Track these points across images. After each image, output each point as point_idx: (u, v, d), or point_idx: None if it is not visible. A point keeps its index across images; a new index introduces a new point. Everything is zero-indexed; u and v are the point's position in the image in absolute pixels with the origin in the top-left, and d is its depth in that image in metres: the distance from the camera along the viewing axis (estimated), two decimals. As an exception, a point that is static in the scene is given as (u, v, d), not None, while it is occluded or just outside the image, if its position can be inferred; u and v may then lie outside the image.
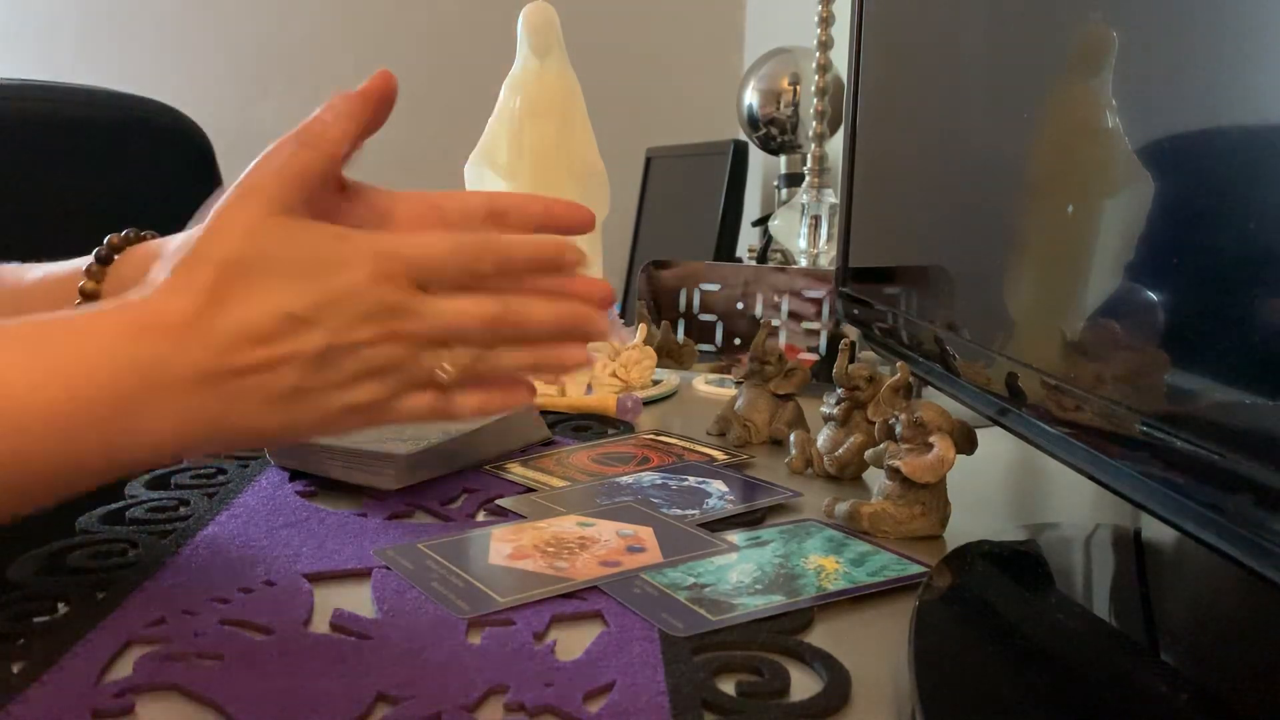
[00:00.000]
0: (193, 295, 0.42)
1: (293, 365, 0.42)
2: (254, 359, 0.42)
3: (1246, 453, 0.33)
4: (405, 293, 0.44)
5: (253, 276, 0.42)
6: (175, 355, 0.41)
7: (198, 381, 0.41)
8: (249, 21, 2.20)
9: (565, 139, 0.90)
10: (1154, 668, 0.43)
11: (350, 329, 0.43)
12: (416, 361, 0.45)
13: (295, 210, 0.44)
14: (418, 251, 0.45)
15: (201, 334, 0.41)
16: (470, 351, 0.46)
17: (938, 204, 0.66)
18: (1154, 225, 0.40)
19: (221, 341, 0.41)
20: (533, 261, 0.47)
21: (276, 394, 0.42)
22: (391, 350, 0.44)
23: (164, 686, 0.38)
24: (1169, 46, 0.40)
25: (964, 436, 0.57)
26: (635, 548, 0.52)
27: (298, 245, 0.43)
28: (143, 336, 0.41)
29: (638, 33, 2.29)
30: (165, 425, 0.41)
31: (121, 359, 0.40)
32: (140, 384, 0.40)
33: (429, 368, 0.45)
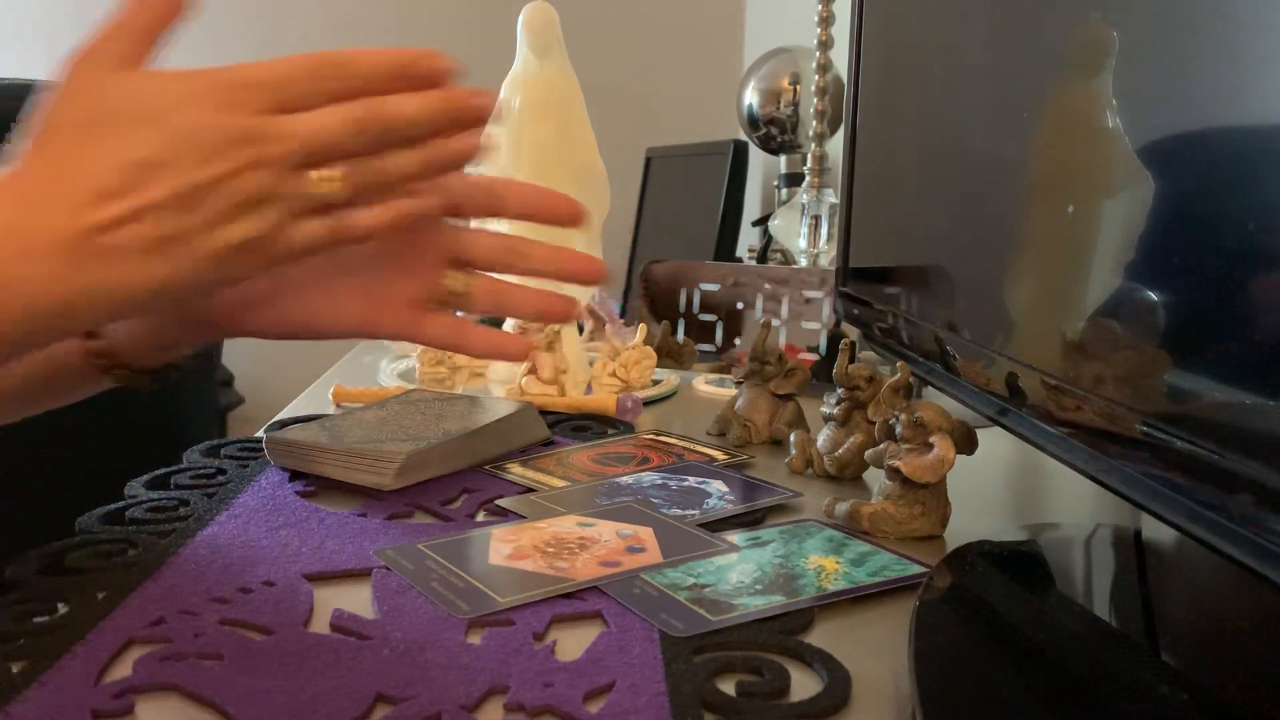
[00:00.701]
0: (44, 162, 0.42)
1: (155, 213, 0.42)
2: (112, 213, 0.41)
3: (1246, 453, 0.33)
4: (257, 118, 0.43)
5: (98, 133, 0.42)
6: (34, 220, 0.41)
7: (61, 243, 0.41)
8: (249, 21, 2.20)
9: (565, 139, 0.90)
10: (1154, 668, 0.43)
11: (205, 164, 0.42)
12: (291, 186, 0.44)
13: (136, 64, 0.44)
14: (260, 73, 0.44)
15: (55, 197, 0.41)
16: (350, 165, 0.45)
17: (938, 204, 0.66)
18: (1154, 225, 0.40)
19: (76, 201, 0.41)
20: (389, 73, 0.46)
21: (145, 244, 0.42)
22: (258, 178, 0.43)
23: (164, 686, 0.38)
24: (1169, 46, 0.40)
25: (964, 436, 0.57)
26: (635, 548, 0.52)
27: (139, 92, 0.43)
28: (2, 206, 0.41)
29: (638, 33, 2.29)
30: (37, 292, 0.41)
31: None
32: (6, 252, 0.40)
33: (307, 189, 0.44)
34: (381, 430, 0.67)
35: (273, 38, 2.22)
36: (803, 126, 1.49)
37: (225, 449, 0.70)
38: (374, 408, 0.74)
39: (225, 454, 0.69)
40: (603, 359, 0.94)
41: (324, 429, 0.67)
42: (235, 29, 2.19)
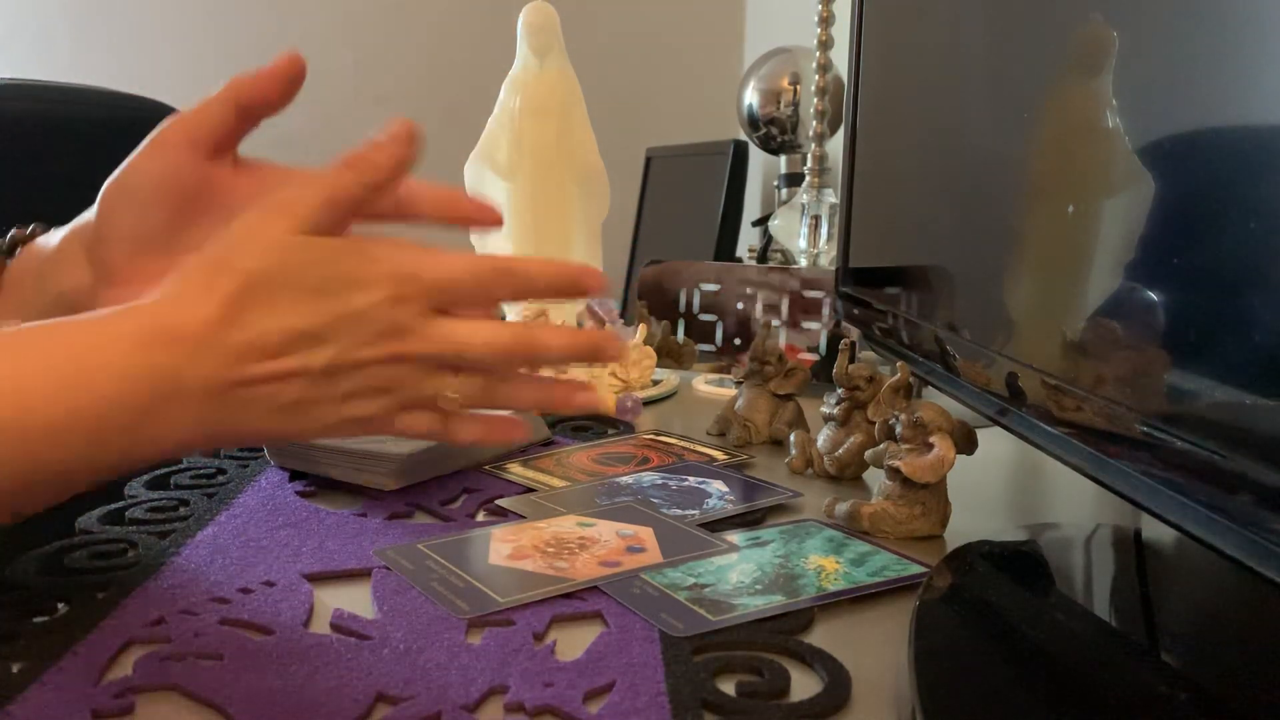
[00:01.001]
0: (211, 305, 0.42)
1: (300, 379, 0.43)
2: (263, 372, 0.43)
3: (1246, 453, 0.33)
4: (420, 315, 0.45)
5: (271, 291, 0.43)
6: (189, 366, 0.42)
7: (208, 392, 0.42)
8: (249, 21, 2.20)
9: (565, 139, 0.90)
10: (1154, 668, 0.43)
11: (360, 347, 0.44)
12: (419, 382, 0.46)
13: (325, 229, 0.45)
14: (436, 274, 0.45)
15: (216, 346, 0.42)
16: (480, 381, 0.47)
17: (938, 204, 0.66)
18: (1154, 225, 0.40)
19: (234, 354, 0.42)
20: (552, 286, 0.48)
21: (281, 405, 0.44)
22: (398, 370, 0.45)
23: (164, 686, 0.38)
24: (1169, 46, 0.40)
25: (964, 436, 0.57)
26: (635, 548, 0.52)
27: (319, 263, 0.44)
28: (156, 345, 0.42)
29: (638, 33, 2.29)
30: (174, 431, 0.42)
31: (138, 368, 0.41)
32: (153, 393, 0.41)
33: (436, 389, 0.46)
34: (381, 430, 0.67)
35: (274, 37, 2.22)
36: (803, 126, 1.49)
37: (225, 449, 0.70)
38: (374, 408, 0.73)
39: (225, 454, 0.69)
40: (603, 359, 0.94)
41: (324, 429, 0.67)
42: (236, 29, 2.20)
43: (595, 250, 0.95)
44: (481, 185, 0.92)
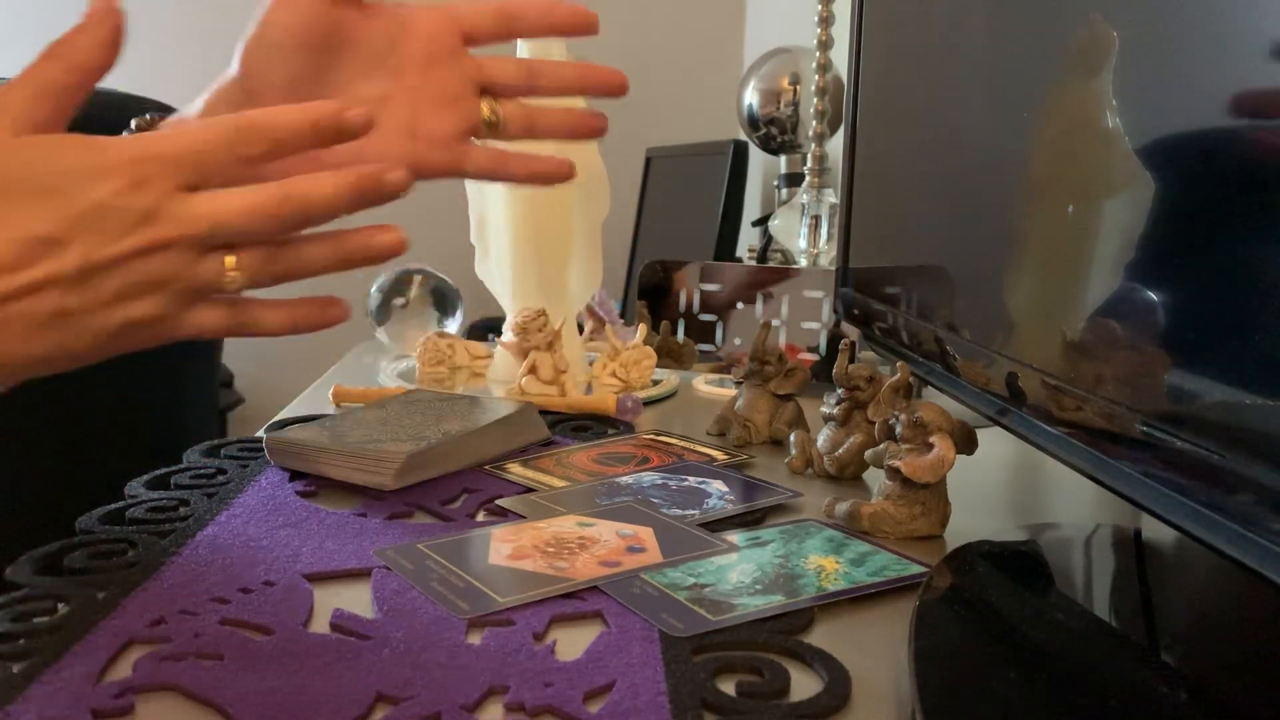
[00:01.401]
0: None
1: (50, 289, 0.41)
2: (8, 287, 0.40)
3: (1246, 453, 0.33)
4: (166, 196, 0.42)
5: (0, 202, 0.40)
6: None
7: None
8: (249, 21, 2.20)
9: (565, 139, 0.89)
10: (1154, 668, 0.43)
11: (109, 243, 0.41)
12: (193, 271, 0.43)
13: (44, 126, 0.42)
14: (174, 147, 0.42)
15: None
16: (258, 253, 0.44)
17: (938, 204, 0.66)
18: (1154, 225, 0.40)
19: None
20: (310, 132, 0.44)
21: (39, 320, 0.41)
22: (161, 260, 0.42)
23: (164, 686, 0.38)
24: (1169, 46, 0.40)
25: (964, 436, 0.57)
26: (635, 548, 0.52)
27: (44, 162, 0.41)
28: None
29: (638, 33, 2.29)
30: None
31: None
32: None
33: (213, 274, 0.43)
34: (381, 430, 0.67)
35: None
36: (803, 126, 1.49)
37: (225, 449, 0.70)
38: (374, 408, 0.74)
39: (225, 454, 0.69)
40: (603, 359, 0.94)
41: (324, 429, 0.67)
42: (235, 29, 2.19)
43: (595, 250, 0.95)
44: (481, 185, 0.92)
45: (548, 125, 0.58)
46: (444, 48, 0.56)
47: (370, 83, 0.55)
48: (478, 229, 0.96)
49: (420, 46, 0.55)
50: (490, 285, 0.96)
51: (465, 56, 0.56)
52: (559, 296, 0.93)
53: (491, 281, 0.96)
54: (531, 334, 0.86)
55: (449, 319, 1.10)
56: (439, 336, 0.99)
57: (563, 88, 0.58)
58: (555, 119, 0.58)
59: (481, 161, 0.56)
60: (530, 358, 0.86)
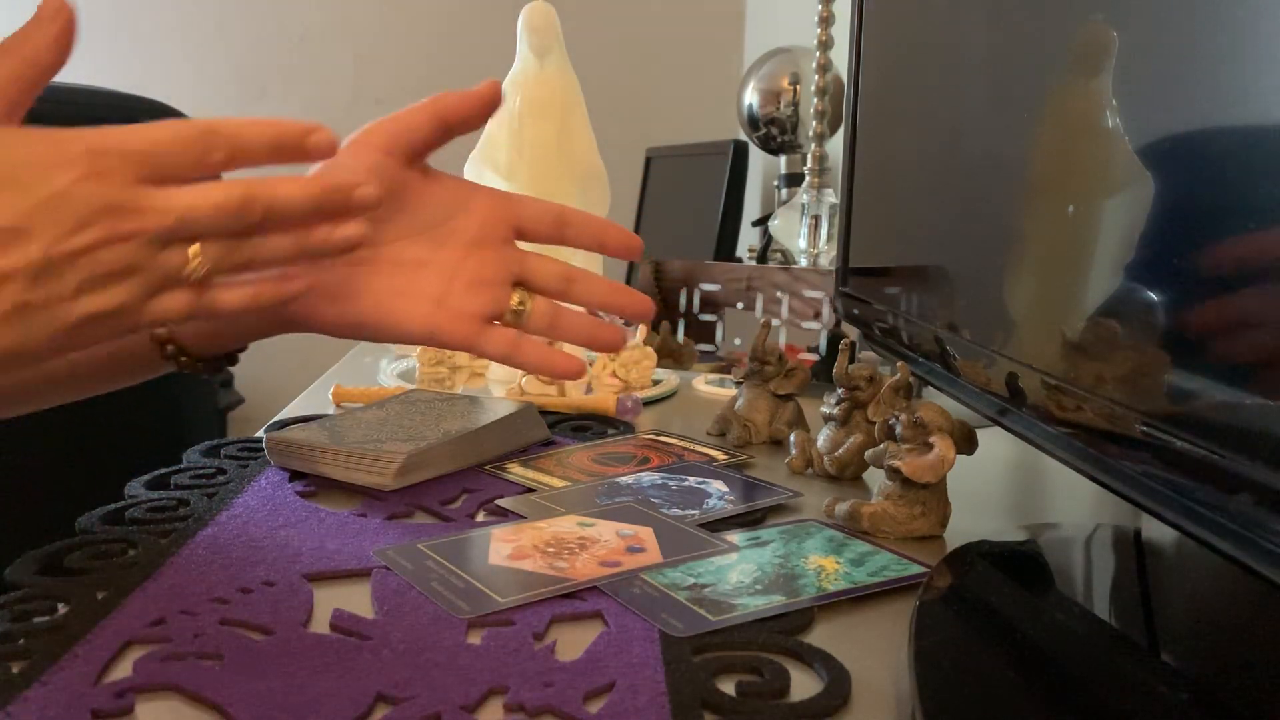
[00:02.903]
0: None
1: (13, 282, 0.40)
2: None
3: (1246, 453, 0.33)
4: (126, 189, 0.41)
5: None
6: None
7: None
8: (249, 21, 2.20)
9: (565, 139, 0.90)
10: (1154, 668, 0.43)
11: (70, 235, 0.40)
12: (154, 261, 0.43)
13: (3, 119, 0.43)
14: (135, 143, 0.42)
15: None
16: (220, 244, 0.44)
17: (938, 204, 0.66)
18: (1154, 225, 0.40)
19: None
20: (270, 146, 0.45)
21: (2, 313, 0.40)
22: (122, 251, 0.42)
23: (164, 686, 0.38)
24: (1169, 46, 0.40)
25: (964, 436, 0.57)
26: (635, 548, 0.52)
27: (3, 154, 0.41)
28: None
29: (638, 33, 2.29)
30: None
31: None
32: None
33: (175, 265, 0.43)
34: (381, 430, 0.67)
35: (275, 37, 2.22)
36: (803, 126, 1.49)
37: (225, 449, 0.70)
38: (374, 408, 0.74)
39: (225, 454, 0.69)
40: (603, 359, 0.94)
41: (324, 429, 0.67)
42: (236, 29, 2.19)
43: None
44: (481, 185, 0.92)
45: (569, 328, 0.60)
46: (496, 234, 0.58)
47: (413, 245, 0.57)
48: (478, 229, 0.96)
49: (474, 225, 0.58)
50: (490, 285, 0.96)
51: (512, 247, 0.59)
52: (559, 296, 0.93)
53: (491, 281, 0.96)
54: (532, 334, 0.86)
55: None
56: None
57: (592, 301, 0.60)
58: (578, 325, 0.60)
59: (499, 344, 0.57)
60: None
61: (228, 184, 0.44)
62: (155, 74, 2.09)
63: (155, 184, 0.42)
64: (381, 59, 2.25)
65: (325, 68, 2.23)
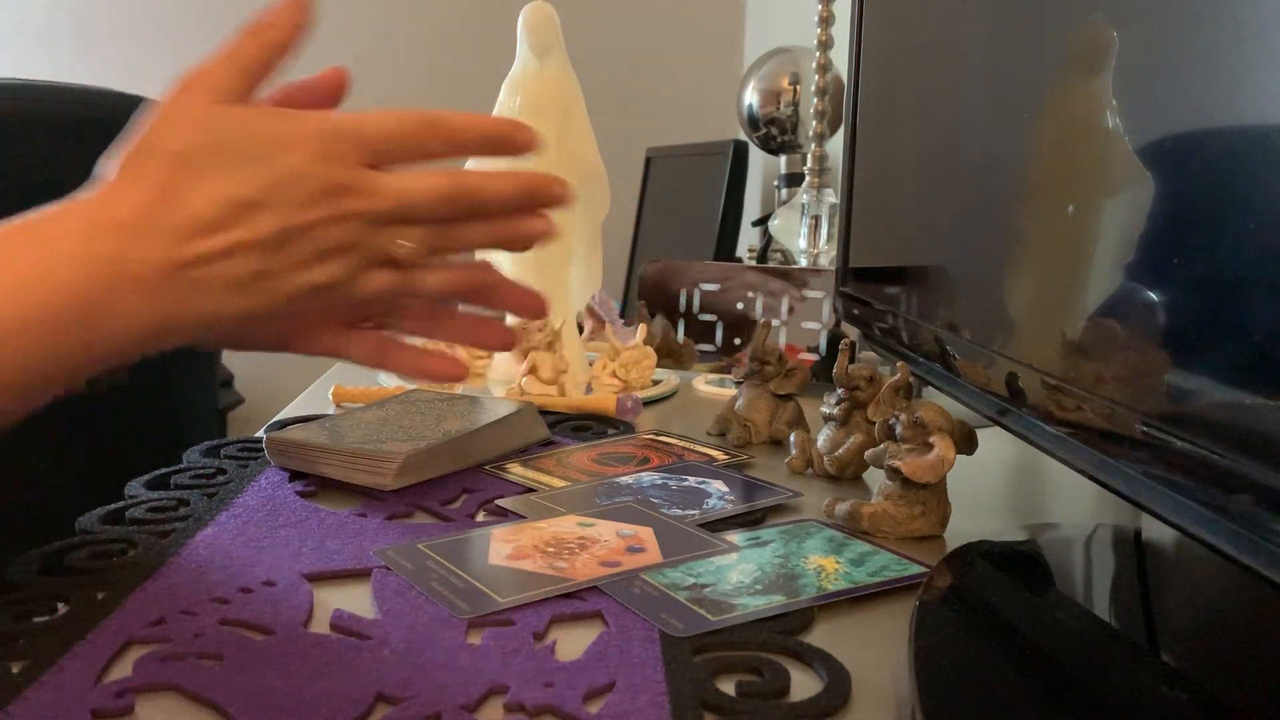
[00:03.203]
0: (144, 188, 0.42)
1: (248, 251, 0.43)
2: (209, 248, 0.42)
3: (1246, 453, 0.33)
4: (354, 171, 0.44)
5: (201, 165, 0.43)
6: (133, 250, 0.42)
7: (158, 273, 0.42)
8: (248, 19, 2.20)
9: (565, 139, 0.89)
10: (1154, 668, 0.43)
11: (301, 210, 0.43)
12: (372, 239, 0.45)
13: (241, 98, 0.45)
14: (364, 128, 0.45)
15: (156, 227, 0.42)
16: (428, 229, 0.47)
17: (938, 204, 0.66)
18: (1154, 225, 0.40)
19: (176, 233, 0.42)
20: (483, 140, 0.48)
21: (236, 279, 0.43)
22: (345, 229, 0.45)
23: (164, 686, 0.38)
24: (1169, 46, 0.40)
25: (964, 436, 0.57)
26: (635, 548, 0.52)
27: (244, 130, 0.44)
28: (99, 234, 0.42)
29: (638, 33, 2.29)
30: (134, 318, 0.42)
31: (81, 258, 0.41)
32: (103, 281, 0.41)
33: (386, 245, 0.46)
34: (381, 430, 0.67)
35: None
36: (803, 126, 1.49)
37: (225, 449, 0.70)
38: (374, 408, 0.74)
39: (225, 454, 0.69)
40: (603, 359, 0.94)
41: (324, 429, 0.67)
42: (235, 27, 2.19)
43: (595, 250, 0.95)
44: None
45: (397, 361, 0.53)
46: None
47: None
48: (478, 229, 0.96)
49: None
50: (490, 285, 0.96)
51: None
52: (559, 297, 0.93)
53: (491, 281, 0.96)
54: (531, 334, 0.86)
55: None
56: (439, 336, 0.99)
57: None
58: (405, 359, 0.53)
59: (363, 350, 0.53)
60: (530, 358, 0.86)
61: (444, 174, 0.46)
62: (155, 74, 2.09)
63: (378, 167, 0.45)
64: (381, 59, 2.25)
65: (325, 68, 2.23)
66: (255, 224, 0.43)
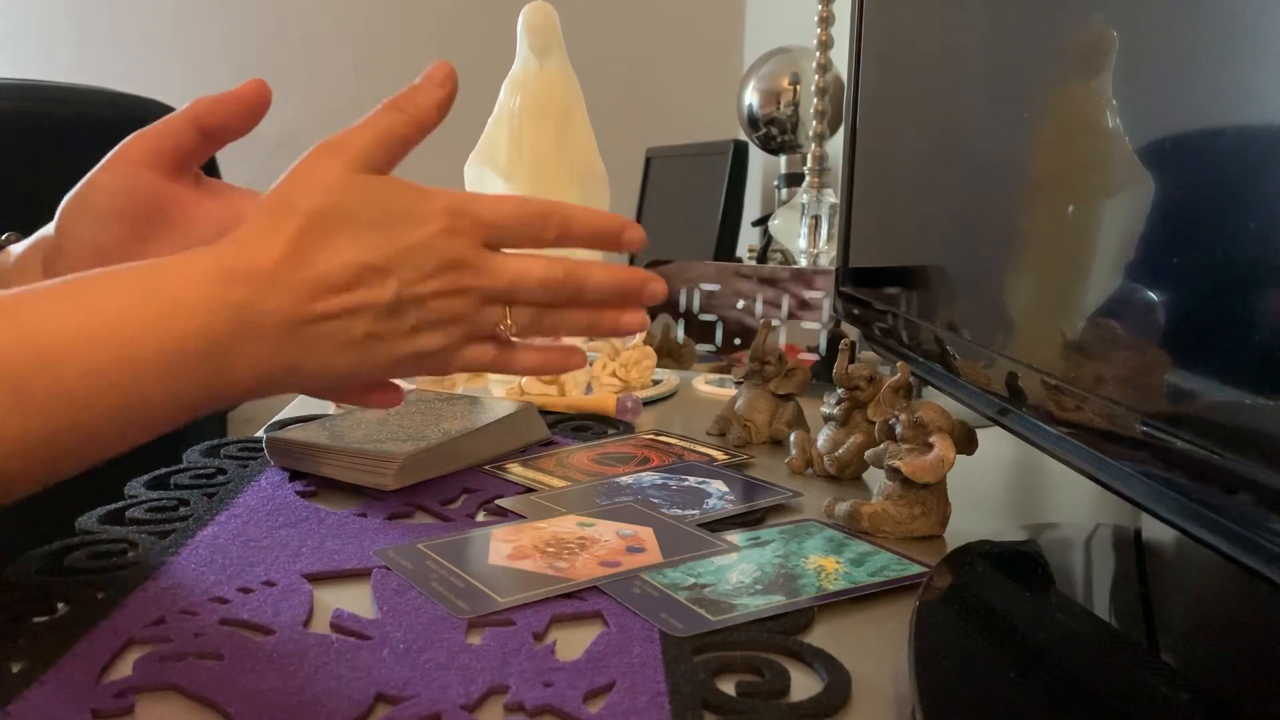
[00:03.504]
0: (279, 243, 0.44)
1: (367, 313, 0.45)
2: (333, 306, 0.44)
3: (1246, 453, 0.33)
4: (473, 249, 0.47)
5: (335, 228, 0.45)
6: (262, 300, 0.43)
7: (282, 325, 0.44)
8: (249, 21, 2.20)
9: (565, 139, 0.90)
10: (1154, 668, 0.43)
11: (421, 281, 0.46)
12: (480, 315, 0.48)
13: (377, 168, 0.48)
14: (487, 211, 0.47)
15: (286, 281, 0.44)
16: (532, 309, 0.49)
17: (938, 204, 0.66)
18: (1154, 225, 0.40)
19: (304, 289, 0.44)
20: (593, 234, 0.51)
21: (350, 339, 0.45)
22: (458, 302, 0.47)
23: (164, 686, 0.38)
24: (1169, 46, 0.40)
25: (964, 436, 0.57)
26: (635, 548, 0.52)
27: (378, 199, 0.46)
28: (233, 281, 0.43)
29: (638, 33, 2.29)
30: (253, 363, 0.44)
31: (216, 303, 0.43)
32: (232, 326, 0.43)
33: (492, 321, 0.49)
34: (381, 430, 0.67)
35: (275, 37, 2.22)
36: (803, 126, 1.49)
37: (225, 449, 0.70)
38: (374, 408, 0.73)
39: (225, 454, 0.69)
40: (603, 359, 0.94)
41: (324, 429, 0.67)
42: (236, 29, 2.19)
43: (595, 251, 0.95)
44: (481, 185, 0.92)
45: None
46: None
47: None
48: (478, 229, 0.96)
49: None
50: (490, 285, 0.96)
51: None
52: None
53: (491, 281, 0.96)
54: (531, 334, 0.86)
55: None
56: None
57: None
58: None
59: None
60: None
61: (557, 261, 0.49)
62: (155, 74, 2.09)
63: (495, 248, 0.48)
64: (381, 59, 2.25)
65: (325, 68, 2.23)
66: (377, 289, 0.45)
